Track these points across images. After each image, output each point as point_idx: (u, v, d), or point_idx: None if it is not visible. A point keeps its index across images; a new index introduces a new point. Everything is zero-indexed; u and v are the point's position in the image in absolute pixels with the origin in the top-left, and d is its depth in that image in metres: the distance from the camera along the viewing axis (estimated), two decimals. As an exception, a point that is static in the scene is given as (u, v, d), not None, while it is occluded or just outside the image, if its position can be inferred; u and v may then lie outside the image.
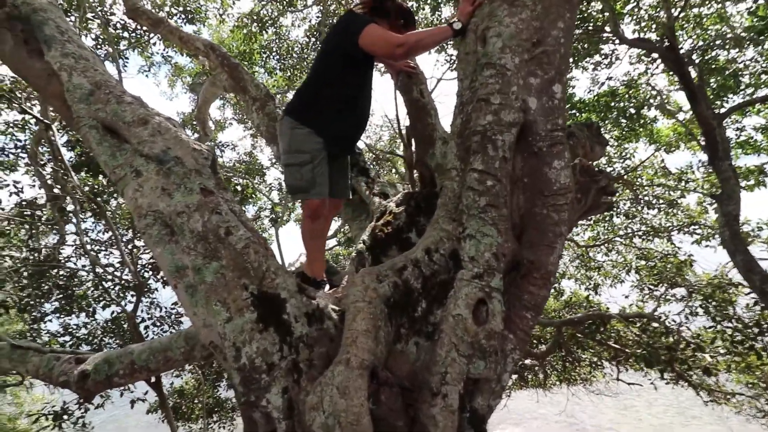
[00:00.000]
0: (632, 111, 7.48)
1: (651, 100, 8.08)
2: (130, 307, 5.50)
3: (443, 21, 7.56)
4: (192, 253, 1.95)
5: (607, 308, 7.28)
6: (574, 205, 1.86)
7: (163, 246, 1.99)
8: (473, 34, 1.93)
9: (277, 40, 7.77)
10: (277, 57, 7.82)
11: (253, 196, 8.87)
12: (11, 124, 5.42)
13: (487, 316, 1.67)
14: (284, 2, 7.55)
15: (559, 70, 1.81)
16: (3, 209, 5.24)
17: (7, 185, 5.34)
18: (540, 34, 1.79)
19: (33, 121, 5.69)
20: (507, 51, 1.75)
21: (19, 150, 5.52)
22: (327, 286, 2.53)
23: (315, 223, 2.44)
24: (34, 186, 5.77)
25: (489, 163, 1.73)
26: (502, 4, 1.79)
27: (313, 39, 7.74)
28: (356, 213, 3.19)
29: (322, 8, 7.80)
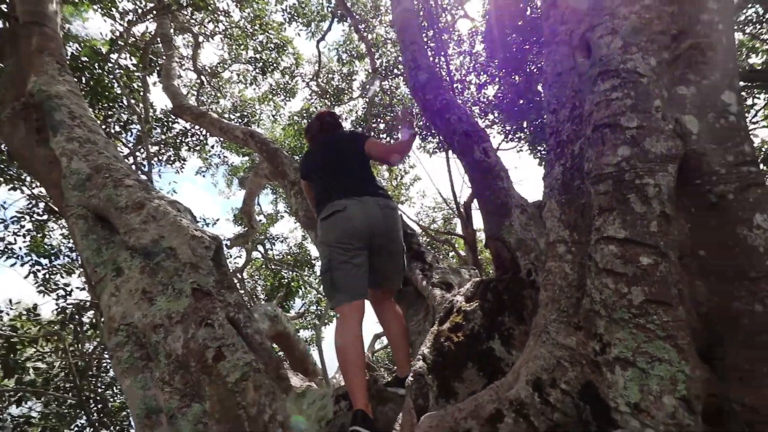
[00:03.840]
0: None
1: None
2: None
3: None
4: (167, 389, 1.31)
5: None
6: (807, 294, 1.01)
7: (134, 377, 1.38)
8: (566, 46, 1.34)
9: (325, 132, 7.91)
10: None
11: (301, 289, 8.39)
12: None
13: None
14: (332, 98, 7.86)
15: (726, 70, 1.13)
16: (38, 315, 5.10)
17: (57, 289, 5.29)
18: (682, 22, 1.15)
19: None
20: (634, 50, 1.11)
21: (75, 253, 5.61)
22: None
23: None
24: (84, 289, 5.72)
25: (637, 226, 0.99)
26: (611, -6, 1.20)
27: (361, 129, 7.82)
28: (412, 309, 2.44)
29: (368, 99, 7.99)
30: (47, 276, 5.62)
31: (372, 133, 7.89)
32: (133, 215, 1.71)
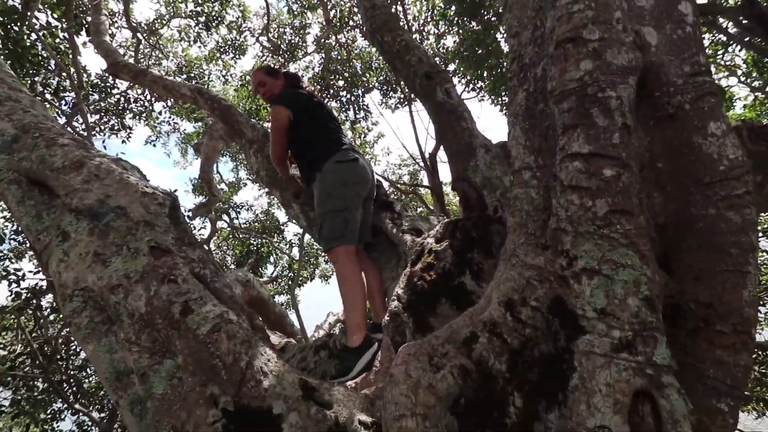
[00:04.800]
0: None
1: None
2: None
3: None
4: (134, 348, 1.25)
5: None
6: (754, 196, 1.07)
7: (97, 341, 1.31)
8: (525, -38, 1.27)
9: (281, 91, 7.52)
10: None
11: (272, 255, 8.29)
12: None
13: (659, 424, 0.85)
14: (285, 54, 7.42)
15: (683, -20, 1.11)
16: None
17: (8, 275, 4.95)
18: (641, -71, 1.11)
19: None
20: (594, -41, 1.07)
21: (22, 236, 5.22)
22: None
23: None
24: (39, 272, 5.37)
25: (601, 139, 0.99)
26: None
27: (319, 86, 7.50)
28: (385, 257, 2.45)
29: (324, 55, 7.61)
30: (-7, 262, 5.23)
31: (331, 91, 7.60)
32: (72, 175, 1.56)
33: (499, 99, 6.03)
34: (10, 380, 4.96)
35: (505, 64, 6.04)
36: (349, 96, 7.58)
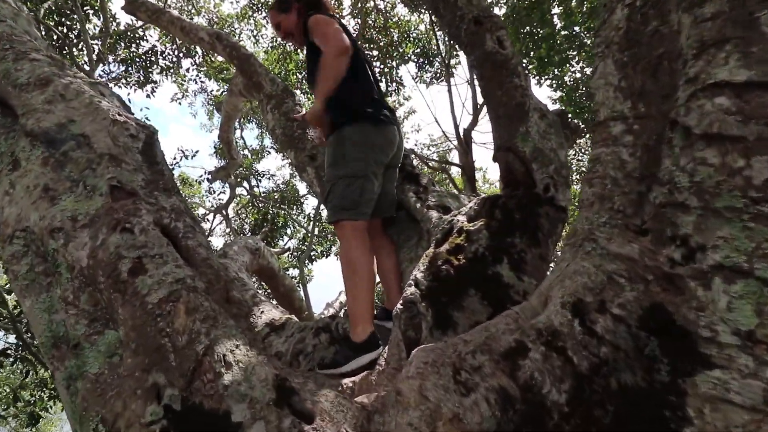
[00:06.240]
0: None
1: None
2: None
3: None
4: (71, 311, 0.98)
5: None
6: None
7: (36, 296, 1.04)
8: None
9: (312, 56, 7.17)
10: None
11: (287, 227, 8.10)
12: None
13: None
14: (320, 17, 7.02)
15: None
16: None
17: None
18: None
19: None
20: None
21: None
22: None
23: None
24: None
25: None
26: None
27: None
28: (404, 236, 2.12)
29: (360, 20, 7.18)
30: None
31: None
32: (35, 93, 1.28)
33: (549, 74, 5.47)
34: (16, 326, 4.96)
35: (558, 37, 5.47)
36: (383, 67, 7.15)
